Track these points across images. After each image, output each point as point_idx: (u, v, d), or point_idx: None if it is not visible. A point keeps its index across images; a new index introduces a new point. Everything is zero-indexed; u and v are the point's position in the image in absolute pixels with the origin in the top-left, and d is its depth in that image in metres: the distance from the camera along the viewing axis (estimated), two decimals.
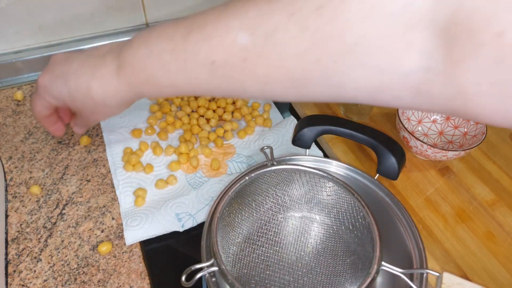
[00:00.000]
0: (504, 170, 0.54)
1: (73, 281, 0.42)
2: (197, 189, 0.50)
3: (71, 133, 0.56)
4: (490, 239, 0.46)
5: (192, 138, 0.56)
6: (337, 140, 0.56)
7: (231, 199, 0.40)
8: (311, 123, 0.46)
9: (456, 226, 0.47)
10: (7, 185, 0.50)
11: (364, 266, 0.38)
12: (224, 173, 0.53)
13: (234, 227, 0.42)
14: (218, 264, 0.34)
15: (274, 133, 0.57)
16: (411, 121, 0.57)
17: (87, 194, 0.49)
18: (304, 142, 0.46)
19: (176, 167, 0.52)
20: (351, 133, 0.45)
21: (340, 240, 0.43)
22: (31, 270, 0.42)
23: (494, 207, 0.49)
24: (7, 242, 0.45)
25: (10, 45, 0.63)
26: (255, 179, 0.42)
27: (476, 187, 0.52)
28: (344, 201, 0.42)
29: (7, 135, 0.56)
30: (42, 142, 0.55)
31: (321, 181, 0.43)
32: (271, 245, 0.43)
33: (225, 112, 0.60)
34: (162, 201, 0.49)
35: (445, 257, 0.45)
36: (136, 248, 0.45)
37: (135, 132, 0.56)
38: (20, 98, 0.60)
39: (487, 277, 0.43)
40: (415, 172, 0.53)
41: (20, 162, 0.52)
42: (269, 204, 0.45)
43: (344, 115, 0.61)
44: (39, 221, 0.46)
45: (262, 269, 0.41)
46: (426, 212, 0.49)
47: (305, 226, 0.45)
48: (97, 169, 0.52)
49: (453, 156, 0.50)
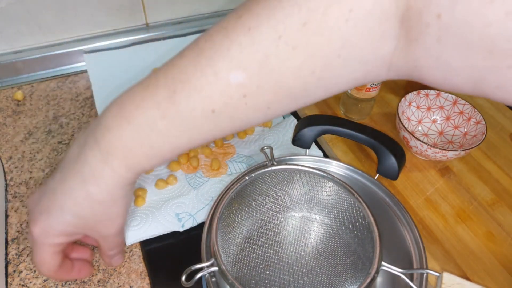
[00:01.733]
0: (504, 170, 0.54)
1: (73, 281, 0.42)
2: (197, 189, 0.50)
3: (71, 133, 0.56)
4: (490, 239, 0.46)
5: None
6: (337, 140, 0.56)
7: (231, 199, 0.40)
8: (311, 123, 0.46)
9: (456, 226, 0.47)
10: (7, 185, 0.50)
11: (364, 266, 0.38)
12: (224, 173, 0.53)
13: (234, 227, 0.42)
14: (218, 264, 0.34)
15: (274, 133, 0.57)
16: (411, 121, 0.57)
17: None
18: (304, 142, 0.46)
19: (176, 167, 0.52)
20: (351, 133, 0.45)
21: (340, 240, 0.43)
22: (31, 270, 0.42)
23: (494, 207, 0.49)
24: (7, 242, 0.45)
25: (10, 45, 0.63)
26: (255, 179, 0.42)
27: (476, 187, 0.52)
28: (344, 201, 0.42)
29: (7, 135, 0.56)
30: (42, 142, 0.55)
31: (321, 181, 0.43)
32: (271, 245, 0.43)
33: None
34: (162, 201, 0.49)
35: (445, 257, 0.45)
36: (136, 248, 0.45)
37: None
38: (20, 98, 0.60)
39: (487, 277, 0.43)
40: (415, 172, 0.53)
41: (20, 162, 0.52)
42: (269, 204, 0.45)
43: (344, 115, 0.61)
44: None
45: (262, 269, 0.41)
46: (426, 212, 0.49)
47: (305, 226, 0.45)
48: None
49: (453, 156, 0.50)
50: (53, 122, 0.58)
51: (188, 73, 0.28)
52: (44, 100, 0.60)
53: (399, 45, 0.25)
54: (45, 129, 0.57)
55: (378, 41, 0.25)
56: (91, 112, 0.59)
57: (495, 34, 0.20)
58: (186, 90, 0.28)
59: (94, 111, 0.59)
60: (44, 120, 0.58)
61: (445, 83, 0.25)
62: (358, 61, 0.26)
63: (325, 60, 0.26)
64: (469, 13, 0.21)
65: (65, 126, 0.57)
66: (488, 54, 0.22)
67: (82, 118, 0.58)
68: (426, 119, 0.58)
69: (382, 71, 0.27)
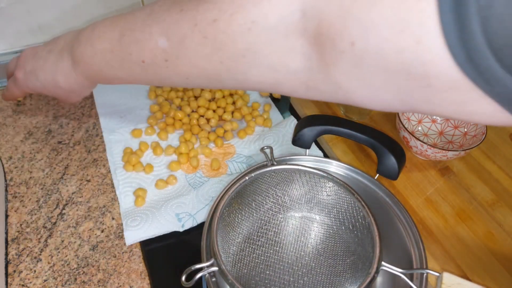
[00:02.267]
0: (504, 170, 0.54)
1: (73, 281, 0.42)
2: (197, 189, 0.50)
3: (71, 133, 0.56)
4: (490, 239, 0.46)
5: (192, 138, 0.56)
6: (337, 140, 0.56)
7: (231, 199, 0.40)
8: (311, 123, 0.46)
9: (456, 226, 0.47)
10: (7, 185, 0.50)
11: (364, 266, 0.38)
12: (224, 173, 0.53)
13: (234, 227, 0.42)
14: (218, 264, 0.34)
15: (274, 133, 0.57)
16: (411, 121, 0.57)
17: (87, 194, 0.49)
18: (304, 142, 0.46)
19: (176, 167, 0.52)
20: (351, 133, 0.45)
21: (340, 240, 0.43)
22: (31, 270, 0.42)
23: (494, 207, 0.49)
24: (7, 242, 0.45)
25: (10, 45, 0.63)
26: (255, 179, 0.42)
27: (476, 187, 0.52)
28: (344, 201, 0.42)
29: (7, 135, 0.56)
30: (42, 142, 0.55)
31: (321, 181, 0.43)
32: (271, 245, 0.43)
33: (225, 112, 0.60)
34: (162, 201, 0.49)
35: (445, 257, 0.45)
36: (136, 248, 0.45)
37: (135, 132, 0.56)
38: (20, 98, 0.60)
39: (487, 277, 0.43)
40: (415, 172, 0.53)
41: (20, 162, 0.52)
42: (269, 204, 0.45)
43: (344, 115, 0.61)
44: (39, 221, 0.46)
45: (262, 269, 0.41)
46: (426, 212, 0.49)
47: (305, 226, 0.45)
48: (97, 169, 0.52)
49: (453, 156, 0.50)
50: (53, 122, 0.58)
51: (136, 25, 0.35)
52: (44, 100, 0.60)
53: (314, 67, 0.26)
54: (45, 129, 0.57)
55: (285, 54, 0.27)
56: (91, 112, 0.59)
57: (409, 58, 0.21)
58: (130, 37, 0.35)
59: (94, 111, 0.59)
60: (44, 120, 0.58)
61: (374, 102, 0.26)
62: (266, 67, 0.28)
63: (232, 56, 0.29)
64: (381, 40, 0.21)
65: (65, 126, 0.57)
66: (407, 75, 0.22)
67: (82, 118, 0.58)
68: (426, 119, 0.58)
69: (299, 88, 0.29)
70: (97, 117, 0.58)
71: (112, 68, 0.39)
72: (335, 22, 0.23)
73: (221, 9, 0.28)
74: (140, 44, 0.34)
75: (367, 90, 0.25)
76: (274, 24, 0.26)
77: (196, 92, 0.62)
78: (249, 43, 0.27)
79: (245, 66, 0.29)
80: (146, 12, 0.34)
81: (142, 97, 0.62)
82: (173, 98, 0.61)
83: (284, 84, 0.29)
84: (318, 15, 0.24)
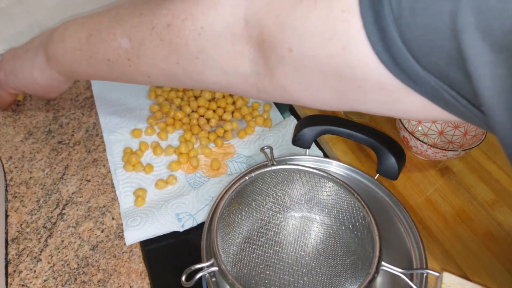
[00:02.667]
0: (504, 170, 0.54)
1: (73, 281, 0.42)
2: (197, 189, 0.50)
3: (71, 133, 0.56)
4: (490, 239, 0.46)
5: (192, 138, 0.56)
6: (337, 140, 0.56)
7: (231, 199, 0.40)
8: (311, 123, 0.46)
9: (456, 226, 0.47)
10: (7, 185, 0.50)
11: (364, 266, 0.38)
12: (224, 173, 0.53)
13: (234, 227, 0.42)
14: (218, 264, 0.34)
15: (274, 133, 0.57)
16: (411, 121, 0.57)
17: (87, 194, 0.49)
18: (304, 142, 0.46)
19: (176, 167, 0.52)
20: (351, 133, 0.45)
21: (340, 240, 0.43)
22: (31, 270, 0.42)
23: (494, 207, 0.49)
24: (7, 242, 0.45)
25: (10, 45, 0.63)
26: (255, 179, 0.42)
27: (476, 187, 0.52)
28: (344, 201, 0.42)
29: (7, 135, 0.56)
30: (42, 142, 0.55)
31: (321, 181, 0.43)
32: (271, 245, 0.43)
33: (225, 112, 0.60)
34: (162, 201, 0.49)
35: (445, 257, 0.45)
36: (136, 248, 0.45)
37: (135, 132, 0.56)
38: (20, 98, 0.60)
39: (487, 277, 0.43)
40: (415, 172, 0.53)
41: (20, 162, 0.52)
42: (269, 204, 0.45)
43: (344, 115, 0.61)
44: (39, 221, 0.47)
45: (262, 269, 0.41)
46: (426, 212, 0.49)
47: (305, 226, 0.45)
48: (97, 169, 0.52)
49: (453, 156, 0.50)
50: (53, 122, 0.58)
51: (102, 26, 0.37)
52: (44, 100, 0.60)
53: (261, 71, 0.28)
54: (45, 129, 0.57)
55: (234, 58, 0.29)
56: (91, 112, 0.59)
57: (339, 63, 0.23)
58: (97, 37, 0.37)
59: (94, 111, 0.59)
60: (44, 120, 0.58)
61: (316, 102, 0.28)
62: (218, 69, 0.31)
63: (186, 58, 0.31)
64: (314, 47, 0.24)
65: (65, 126, 0.57)
66: (340, 77, 0.24)
67: (82, 118, 0.58)
68: None
69: (251, 90, 0.31)
70: (97, 117, 0.58)
71: (81, 65, 0.41)
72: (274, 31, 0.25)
73: (174, 15, 0.30)
74: (105, 44, 0.37)
75: (308, 92, 0.28)
76: (221, 31, 0.28)
77: (196, 92, 0.62)
78: (200, 47, 0.30)
79: (199, 67, 0.31)
80: (112, 14, 0.37)
81: (142, 97, 0.62)
82: (173, 98, 0.61)
83: (236, 86, 0.32)
84: (259, 24, 0.26)
